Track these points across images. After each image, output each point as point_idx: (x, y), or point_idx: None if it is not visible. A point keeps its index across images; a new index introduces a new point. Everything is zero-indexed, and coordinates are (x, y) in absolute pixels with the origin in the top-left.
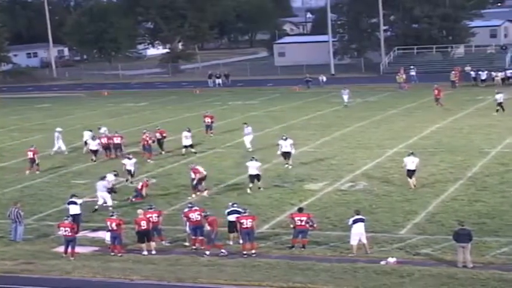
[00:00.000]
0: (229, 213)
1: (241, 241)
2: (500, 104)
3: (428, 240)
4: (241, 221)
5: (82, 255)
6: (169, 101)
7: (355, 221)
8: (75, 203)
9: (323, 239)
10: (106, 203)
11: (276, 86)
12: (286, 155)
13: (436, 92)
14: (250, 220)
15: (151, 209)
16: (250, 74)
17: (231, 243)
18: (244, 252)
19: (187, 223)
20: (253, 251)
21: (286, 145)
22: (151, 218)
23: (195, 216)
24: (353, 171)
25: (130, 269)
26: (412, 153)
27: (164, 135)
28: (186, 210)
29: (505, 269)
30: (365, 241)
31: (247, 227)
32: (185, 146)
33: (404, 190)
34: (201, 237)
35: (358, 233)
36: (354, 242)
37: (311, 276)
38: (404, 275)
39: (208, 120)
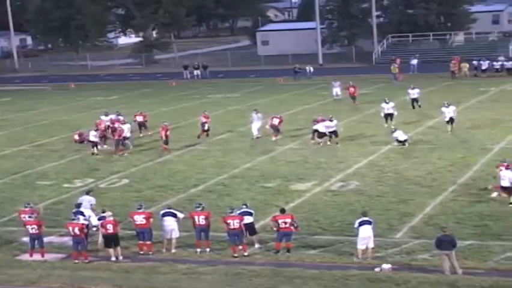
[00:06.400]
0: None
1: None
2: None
3: (426, 244)
4: (194, 217)
5: (48, 263)
6: (143, 94)
7: (361, 223)
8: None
9: (311, 243)
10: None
11: (260, 78)
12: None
13: (352, 90)
14: (203, 217)
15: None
16: (231, 64)
17: (256, 246)
18: (199, 250)
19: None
20: (207, 249)
21: None
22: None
23: (139, 219)
24: (343, 170)
25: (101, 278)
26: None
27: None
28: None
29: (509, 275)
30: (371, 246)
31: (200, 224)
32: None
33: (400, 190)
34: (148, 242)
35: (366, 237)
36: (361, 246)
37: (299, 285)
38: (400, 283)
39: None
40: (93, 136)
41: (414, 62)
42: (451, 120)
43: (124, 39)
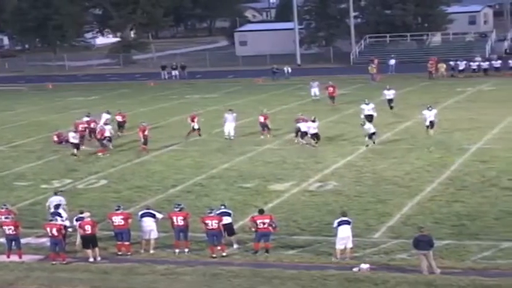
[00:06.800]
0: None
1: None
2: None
3: (404, 244)
4: (173, 218)
5: (26, 264)
6: (121, 94)
7: (340, 223)
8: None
9: (290, 243)
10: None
11: (238, 78)
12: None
13: (331, 89)
14: (182, 218)
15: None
16: (210, 64)
17: (235, 246)
18: (178, 250)
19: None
20: (186, 249)
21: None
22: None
23: (118, 219)
24: (321, 170)
25: (79, 279)
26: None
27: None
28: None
29: (486, 274)
30: (350, 246)
31: (179, 225)
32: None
33: (378, 191)
34: (127, 243)
35: (345, 237)
36: (340, 246)
37: (277, 285)
38: (378, 283)
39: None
40: (72, 138)
41: (392, 62)
42: (431, 124)
43: (102, 39)
